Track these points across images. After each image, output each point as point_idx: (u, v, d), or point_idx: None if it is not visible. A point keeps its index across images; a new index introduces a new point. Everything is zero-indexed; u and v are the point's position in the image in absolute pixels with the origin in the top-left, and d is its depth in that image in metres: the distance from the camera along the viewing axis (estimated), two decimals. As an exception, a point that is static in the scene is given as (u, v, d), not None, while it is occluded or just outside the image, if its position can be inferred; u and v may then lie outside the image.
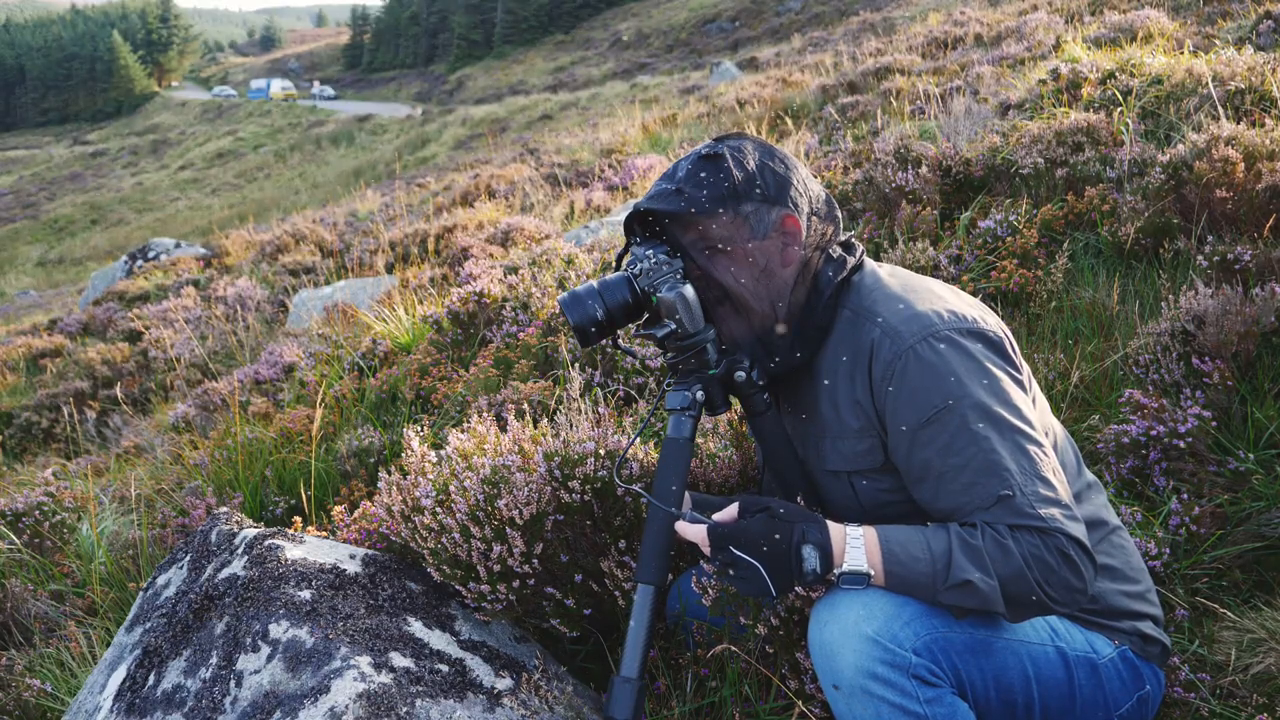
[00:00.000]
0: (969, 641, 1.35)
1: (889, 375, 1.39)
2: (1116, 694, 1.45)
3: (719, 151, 1.50)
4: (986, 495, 1.31)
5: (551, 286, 4.16)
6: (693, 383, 1.58)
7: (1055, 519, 1.30)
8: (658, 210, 1.50)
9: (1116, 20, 6.94)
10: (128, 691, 1.66)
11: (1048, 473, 1.34)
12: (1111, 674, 1.45)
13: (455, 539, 1.75)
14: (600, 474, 1.80)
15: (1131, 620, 1.50)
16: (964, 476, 1.33)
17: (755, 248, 1.49)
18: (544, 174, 11.43)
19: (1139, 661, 1.49)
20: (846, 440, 1.48)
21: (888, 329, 1.42)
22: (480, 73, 57.15)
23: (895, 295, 1.47)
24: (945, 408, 1.34)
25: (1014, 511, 1.30)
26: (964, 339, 1.39)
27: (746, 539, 1.34)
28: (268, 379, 5.33)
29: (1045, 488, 1.32)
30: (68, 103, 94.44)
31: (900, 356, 1.38)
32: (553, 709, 1.67)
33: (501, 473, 1.79)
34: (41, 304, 16.48)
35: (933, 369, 1.36)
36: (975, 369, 1.37)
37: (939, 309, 1.43)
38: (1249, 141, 3.22)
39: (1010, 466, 1.32)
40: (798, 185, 1.52)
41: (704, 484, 1.99)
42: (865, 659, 1.28)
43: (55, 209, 39.45)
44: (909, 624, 1.30)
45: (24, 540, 3.17)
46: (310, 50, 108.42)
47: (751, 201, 1.48)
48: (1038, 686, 1.40)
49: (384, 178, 24.41)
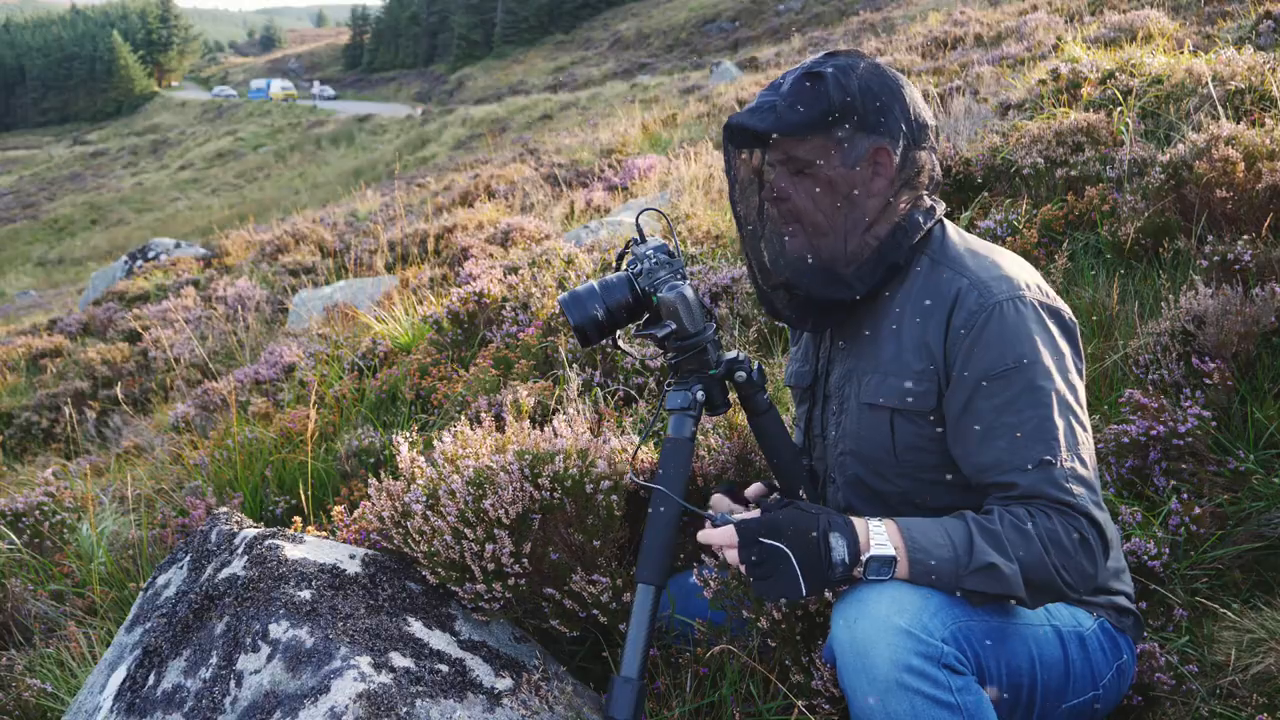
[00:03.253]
0: (986, 629, 1.36)
1: (971, 324, 1.41)
2: (1100, 664, 1.49)
3: (822, 71, 1.44)
4: (1031, 456, 1.35)
5: (551, 286, 4.16)
6: (693, 383, 1.59)
7: (1083, 499, 1.34)
8: (749, 126, 1.47)
9: (1116, 20, 6.93)
10: (128, 691, 1.66)
11: (1086, 455, 1.38)
12: (1095, 645, 1.49)
13: (447, 541, 1.75)
14: (570, 472, 1.79)
15: (1108, 595, 1.54)
16: (1015, 434, 1.37)
17: (842, 174, 1.45)
18: (544, 174, 11.43)
19: (1115, 632, 1.53)
20: (903, 378, 1.48)
21: (977, 281, 1.44)
22: (480, 73, 57.14)
23: (982, 254, 1.51)
24: (1018, 366, 1.38)
25: (1049, 480, 1.34)
26: (1046, 313, 1.43)
27: (775, 529, 1.34)
28: (268, 379, 5.33)
29: (1083, 467, 1.37)
30: (68, 103, 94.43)
31: (986, 309, 1.41)
32: (553, 709, 1.67)
33: (485, 474, 1.79)
34: (41, 304, 16.48)
35: (1014, 328, 1.40)
36: (1051, 341, 1.41)
37: (1026, 278, 1.47)
38: (1249, 141, 3.22)
39: (1060, 437, 1.36)
40: (899, 113, 1.47)
41: (701, 478, 1.99)
42: (900, 651, 1.26)
43: (55, 209, 39.44)
44: (937, 614, 1.30)
45: (24, 540, 3.17)
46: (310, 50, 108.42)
47: (846, 126, 1.44)
48: (1040, 668, 1.42)
49: (384, 178, 24.40)
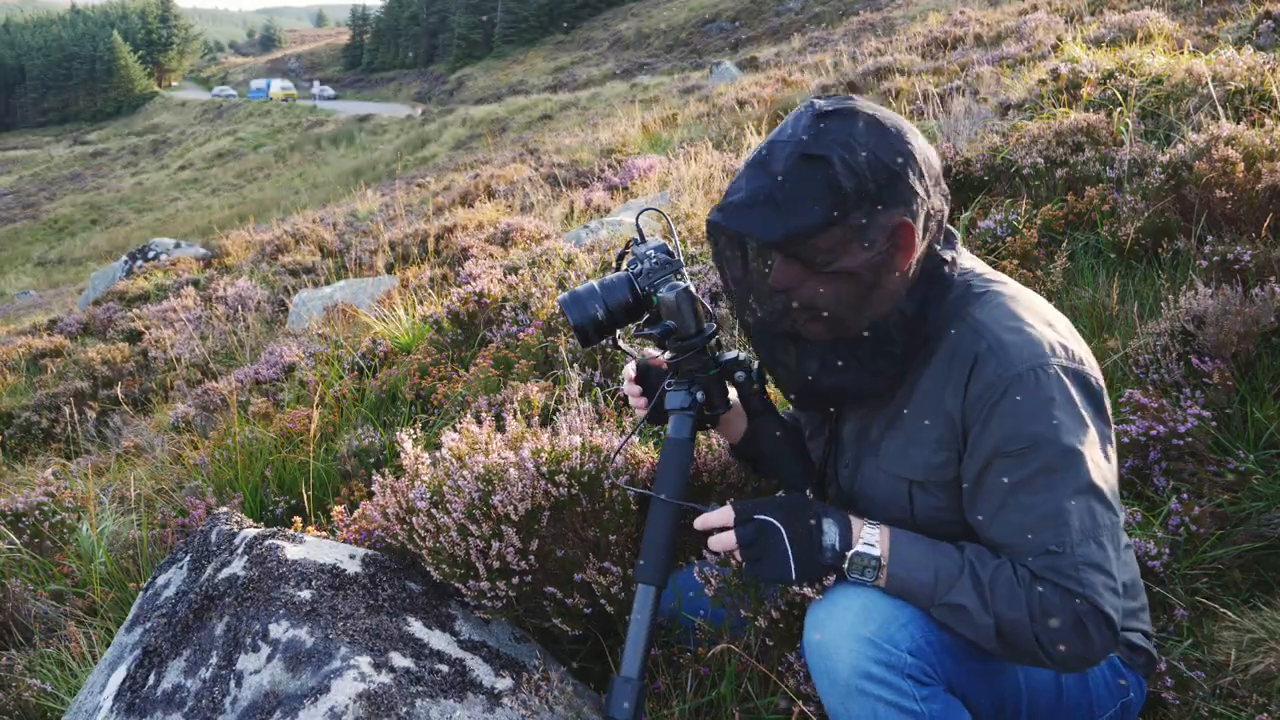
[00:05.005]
0: (965, 647, 1.35)
1: (987, 396, 1.30)
2: (1102, 698, 1.47)
3: (826, 155, 1.26)
4: (1037, 545, 1.27)
5: (551, 286, 4.16)
6: (693, 383, 1.58)
7: (1093, 586, 1.25)
8: (747, 233, 1.30)
9: (1116, 20, 6.94)
10: (128, 691, 1.66)
11: (1105, 538, 1.27)
12: (1099, 680, 1.46)
13: (453, 538, 1.75)
14: (586, 468, 1.80)
15: (1124, 632, 1.49)
16: (1025, 517, 1.28)
17: (863, 262, 1.29)
18: (544, 174, 11.43)
19: (1124, 669, 1.50)
20: (922, 448, 1.39)
21: (996, 346, 1.31)
22: (480, 73, 57.15)
23: (1007, 310, 1.35)
24: (1034, 445, 1.27)
25: (1055, 569, 1.26)
26: (1071, 381, 1.30)
27: (771, 506, 1.38)
28: (268, 379, 5.33)
29: (1098, 552, 1.26)
30: (68, 103, 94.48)
31: (1005, 381, 1.29)
32: (553, 709, 1.67)
33: (495, 470, 1.80)
34: (41, 304, 16.47)
35: (1034, 403, 1.28)
36: (1074, 415, 1.29)
37: (1052, 340, 1.32)
38: (1249, 141, 3.22)
39: (1073, 524, 1.26)
40: (913, 176, 1.30)
41: (705, 474, 1.99)
42: (860, 659, 1.28)
43: (55, 209, 39.45)
44: (905, 626, 1.31)
45: (24, 540, 3.17)
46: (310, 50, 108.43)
47: (861, 209, 1.27)
48: (1028, 692, 1.42)
49: (384, 178, 24.41)
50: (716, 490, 1.97)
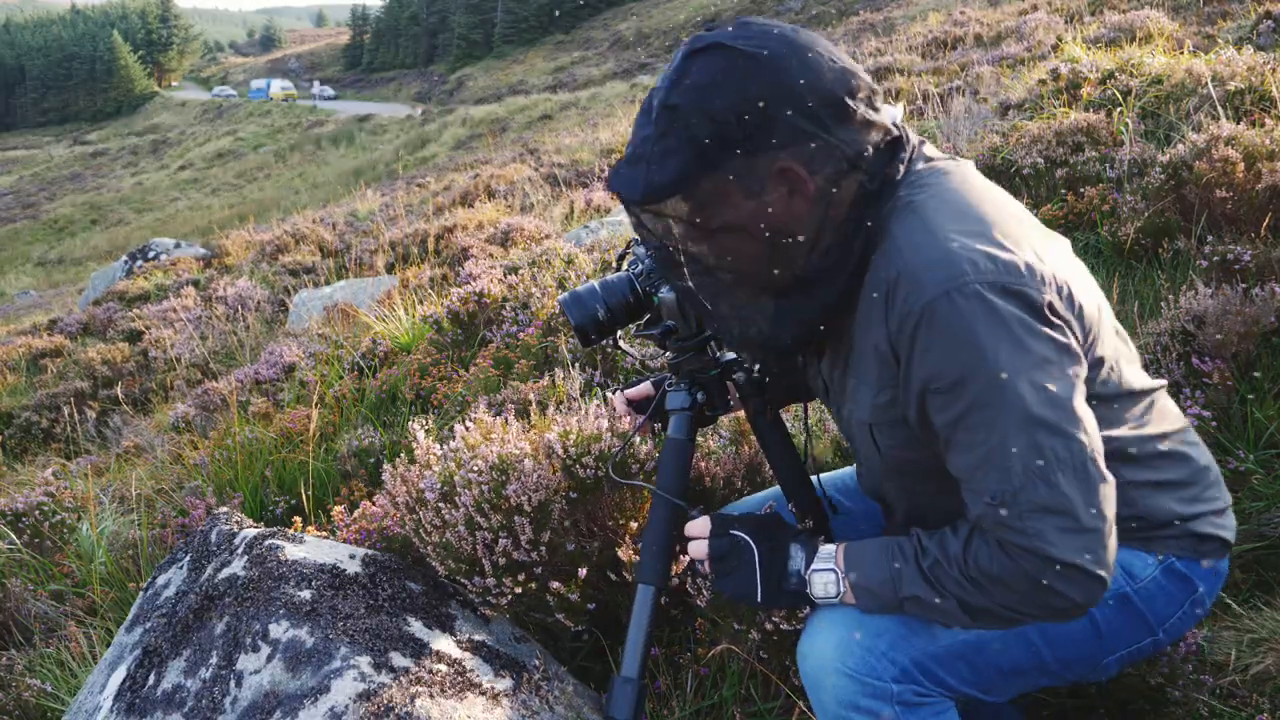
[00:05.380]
0: (958, 648, 1.30)
1: (904, 329, 1.15)
2: (1159, 611, 1.30)
3: (679, 103, 1.16)
4: (982, 489, 1.14)
5: (551, 286, 4.16)
6: (693, 383, 1.58)
7: (1042, 535, 1.10)
8: (621, 194, 1.21)
9: (1116, 20, 6.94)
10: (128, 691, 1.66)
11: (1059, 473, 1.10)
12: (1152, 594, 1.29)
13: (460, 532, 1.75)
14: (614, 450, 1.81)
15: (1185, 523, 1.30)
16: (966, 459, 1.15)
17: (750, 213, 1.17)
18: (544, 174, 11.43)
19: (1188, 565, 1.30)
20: (868, 388, 1.26)
21: (907, 272, 1.15)
22: (480, 73, 57.16)
23: (923, 222, 1.17)
24: (959, 380, 1.12)
25: (1001, 523, 1.12)
26: (997, 298, 1.10)
27: (746, 523, 1.37)
28: (268, 379, 5.33)
29: (1048, 493, 1.10)
30: (68, 103, 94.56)
31: (915, 314, 1.13)
32: (553, 709, 1.67)
33: (509, 460, 1.80)
34: (41, 304, 16.47)
35: (951, 331, 1.11)
36: (1003, 338, 1.10)
37: (973, 253, 1.12)
38: (1249, 141, 3.22)
39: (1014, 465, 1.11)
40: (792, 112, 1.14)
41: (708, 479, 1.99)
42: (846, 693, 1.27)
43: (55, 209, 39.46)
44: (885, 654, 1.27)
45: (24, 540, 3.17)
46: (310, 50, 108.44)
47: (729, 159, 1.15)
48: (1050, 649, 1.30)
49: (384, 178, 24.42)
50: (719, 495, 1.97)
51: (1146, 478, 1.29)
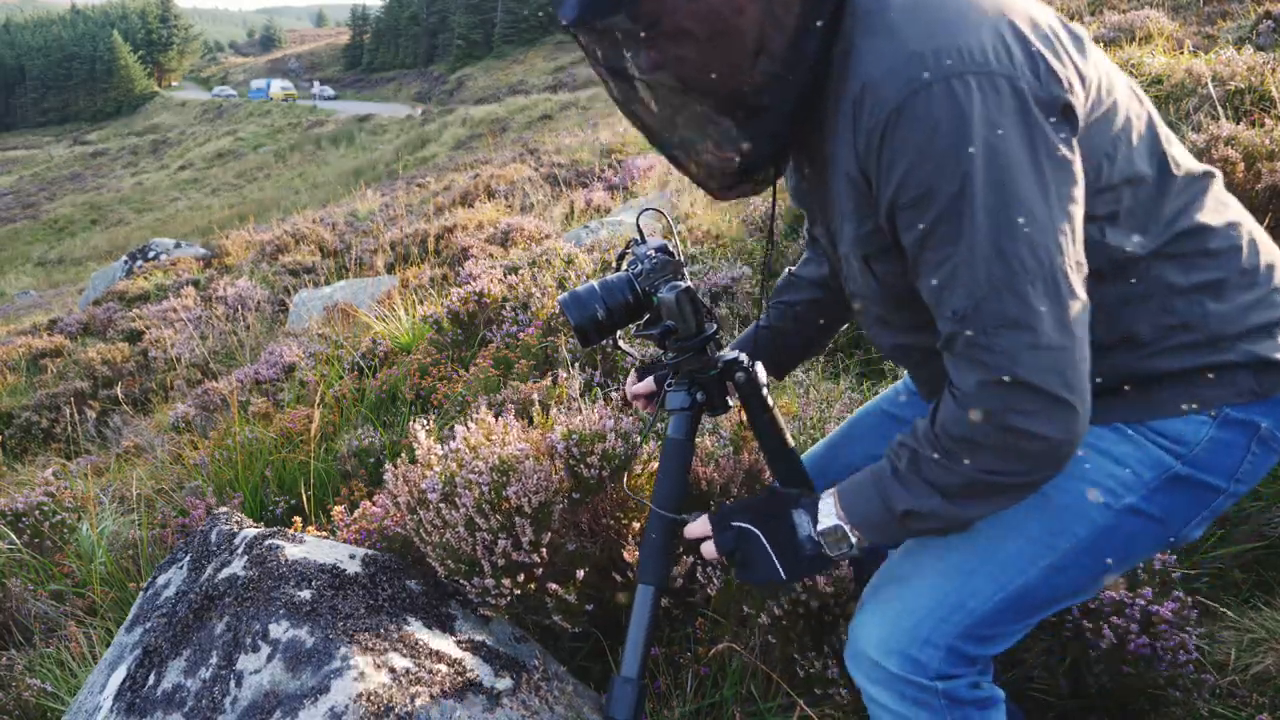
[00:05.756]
0: (999, 607, 1.24)
1: (871, 144, 1.07)
2: (1221, 466, 1.18)
3: None
4: (949, 307, 1.07)
5: (551, 286, 4.16)
6: (693, 383, 1.59)
7: (1009, 353, 1.03)
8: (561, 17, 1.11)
9: (1116, 20, 6.94)
10: (128, 691, 1.66)
11: (1028, 284, 1.01)
12: (1208, 455, 1.17)
13: (460, 533, 1.75)
14: (618, 450, 1.81)
15: (1245, 343, 1.15)
16: (937, 276, 1.07)
17: (692, 11, 1.06)
18: (544, 174, 11.44)
19: (1247, 410, 1.17)
20: (848, 220, 1.19)
21: (870, 84, 1.05)
22: (480, 73, 57.18)
23: (885, 23, 1.07)
24: (927, 191, 1.03)
25: (968, 343, 1.05)
26: (967, 92, 1.00)
27: (744, 510, 1.35)
28: (268, 379, 5.33)
29: (1015, 305, 1.02)
30: (68, 103, 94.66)
31: (882, 121, 1.04)
32: (553, 709, 1.67)
33: (510, 461, 1.80)
34: (41, 304, 16.48)
35: (916, 136, 1.02)
36: (971, 138, 1.00)
37: (939, 44, 1.02)
38: (1249, 141, 3.22)
39: (978, 277, 1.03)
40: None
41: (705, 483, 1.99)
42: (892, 696, 1.28)
43: (55, 209, 39.49)
44: (929, 639, 1.24)
45: (24, 540, 3.17)
46: (310, 50, 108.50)
47: None
48: (1116, 557, 1.22)
49: (384, 178, 24.42)
50: (716, 500, 1.97)
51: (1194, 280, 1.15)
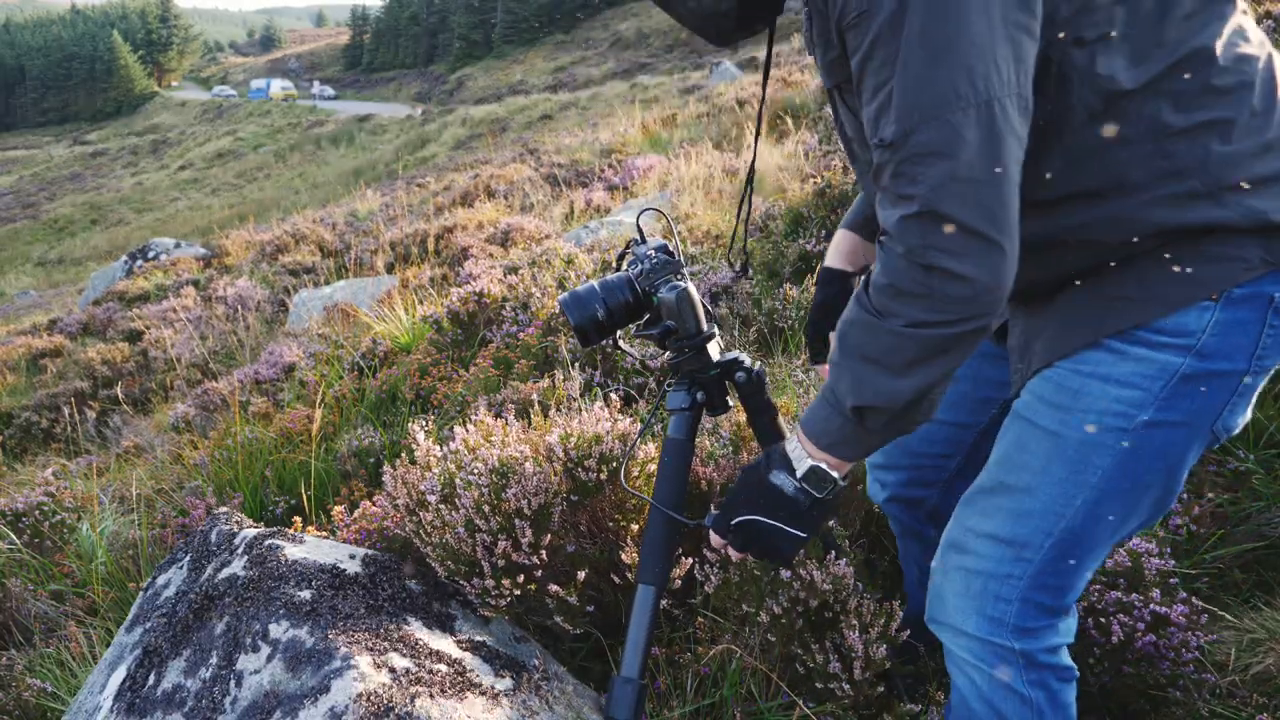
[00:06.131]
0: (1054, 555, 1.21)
1: None
2: (1236, 348, 1.09)
3: None
4: (876, 137, 1.03)
5: (551, 286, 4.16)
6: (693, 383, 1.59)
7: (930, 182, 0.97)
8: None
9: (1116, 20, 6.92)
10: (128, 691, 1.66)
11: (958, 113, 0.96)
12: (1220, 343, 1.09)
13: (459, 534, 1.75)
14: (615, 453, 1.81)
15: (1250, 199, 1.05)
16: (874, 102, 1.03)
17: None
18: (544, 174, 11.44)
19: (1255, 284, 1.07)
20: (819, 48, 1.18)
21: None
22: (480, 73, 57.20)
23: None
24: (868, 9, 1.00)
25: (894, 173, 1.01)
26: None
27: (734, 504, 1.33)
28: (268, 379, 5.33)
29: (940, 134, 0.96)
30: (68, 103, 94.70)
31: None
32: (553, 709, 1.67)
33: (510, 464, 1.80)
34: (41, 304, 16.48)
35: None
36: None
37: None
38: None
39: (906, 100, 0.98)
40: None
41: (705, 483, 1.99)
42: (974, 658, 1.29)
43: (55, 209, 39.49)
44: (998, 599, 1.24)
45: (24, 540, 3.17)
46: (310, 50, 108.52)
47: None
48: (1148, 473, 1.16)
49: (384, 178, 24.43)
50: (715, 498, 1.97)
51: (1196, 119, 1.05)
